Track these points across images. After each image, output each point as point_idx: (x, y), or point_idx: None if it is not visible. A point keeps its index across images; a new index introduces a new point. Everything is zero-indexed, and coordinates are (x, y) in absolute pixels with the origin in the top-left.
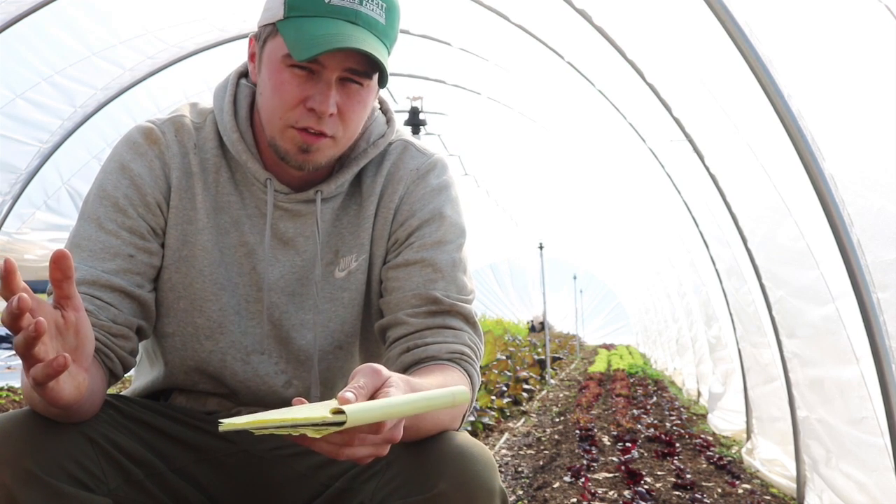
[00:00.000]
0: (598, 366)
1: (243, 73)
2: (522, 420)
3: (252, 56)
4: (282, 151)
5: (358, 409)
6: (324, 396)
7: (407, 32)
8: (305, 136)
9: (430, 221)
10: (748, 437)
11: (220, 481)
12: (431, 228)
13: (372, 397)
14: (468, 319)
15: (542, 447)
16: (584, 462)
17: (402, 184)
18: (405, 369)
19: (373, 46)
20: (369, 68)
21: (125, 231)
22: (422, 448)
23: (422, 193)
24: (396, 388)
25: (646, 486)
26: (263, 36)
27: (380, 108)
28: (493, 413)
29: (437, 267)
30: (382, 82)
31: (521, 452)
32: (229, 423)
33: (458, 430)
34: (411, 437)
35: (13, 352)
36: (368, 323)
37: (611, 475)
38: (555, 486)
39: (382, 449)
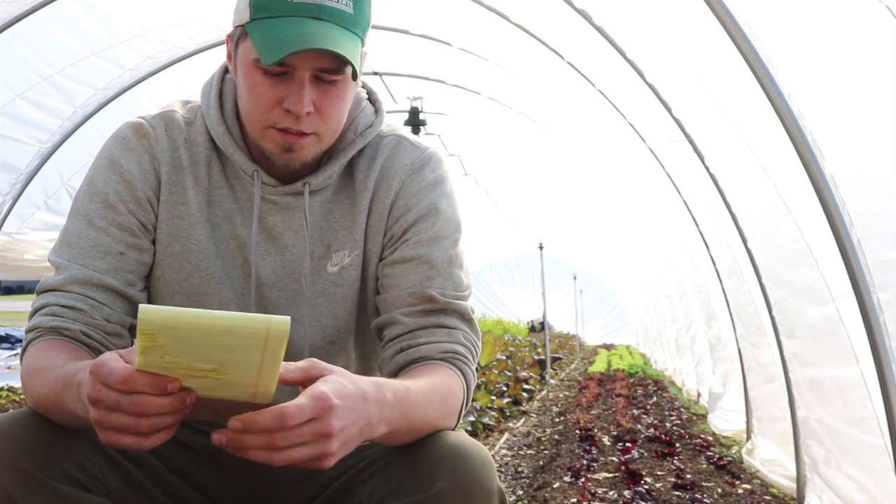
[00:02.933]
0: (598, 366)
1: (228, 69)
2: (522, 420)
3: (229, 55)
4: (266, 152)
5: (153, 309)
6: None
7: (407, 32)
8: (286, 136)
9: (425, 217)
10: (748, 437)
11: (220, 482)
12: (427, 224)
13: (305, 386)
14: (464, 317)
15: (542, 447)
16: (584, 462)
17: (398, 178)
18: (399, 369)
19: (337, 41)
20: (339, 64)
21: (115, 228)
22: (419, 448)
23: (417, 188)
24: (329, 384)
25: (646, 486)
26: (235, 37)
27: (367, 99)
28: (493, 413)
29: (433, 264)
30: (354, 76)
31: (521, 452)
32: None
33: (454, 430)
34: (402, 437)
35: (13, 352)
36: (363, 319)
37: (611, 475)
38: (555, 486)
39: (323, 445)
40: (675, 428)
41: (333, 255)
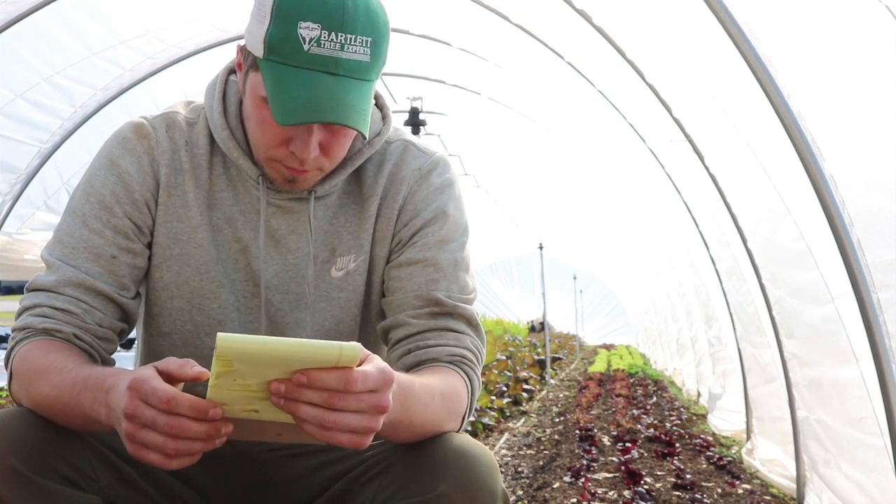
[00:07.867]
0: (598, 366)
1: (232, 70)
2: (522, 420)
3: (239, 66)
4: (269, 177)
5: (232, 337)
6: None
7: (407, 32)
8: (290, 171)
9: (433, 220)
10: (748, 438)
11: (218, 482)
12: (435, 227)
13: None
14: (470, 322)
15: (542, 447)
16: (584, 462)
17: (406, 184)
18: (406, 370)
19: (351, 106)
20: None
21: (109, 230)
22: (422, 450)
23: (425, 193)
24: (373, 363)
25: (646, 487)
26: (248, 61)
27: (375, 104)
28: (493, 413)
29: (440, 266)
30: (364, 136)
31: (521, 452)
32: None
33: (458, 432)
34: (403, 432)
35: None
36: (367, 325)
37: (611, 475)
38: (555, 486)
39: (374, 420)
40: (674, 428)
41: (338, 260)
